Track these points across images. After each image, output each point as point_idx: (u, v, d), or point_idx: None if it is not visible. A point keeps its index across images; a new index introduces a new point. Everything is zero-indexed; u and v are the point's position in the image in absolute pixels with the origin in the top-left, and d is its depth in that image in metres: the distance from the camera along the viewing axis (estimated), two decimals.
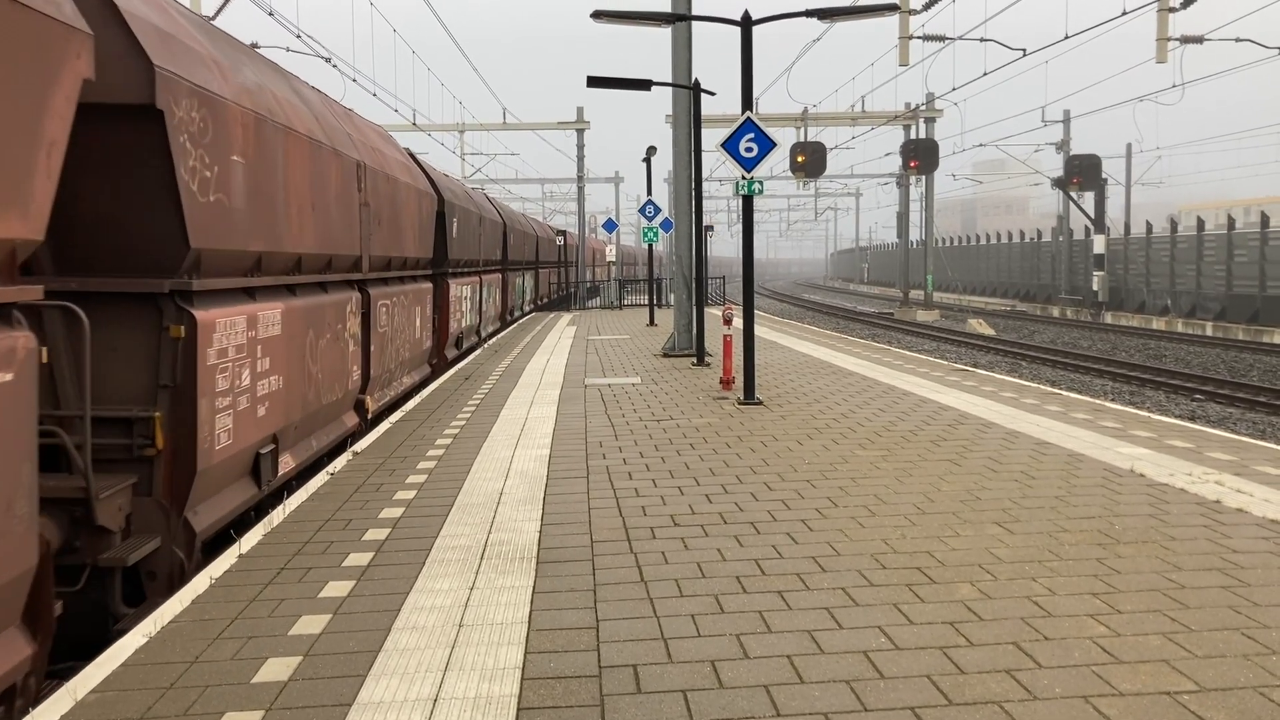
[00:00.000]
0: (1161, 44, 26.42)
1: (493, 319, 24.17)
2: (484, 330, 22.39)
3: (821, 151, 40.83)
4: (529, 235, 33.04)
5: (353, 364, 10.21)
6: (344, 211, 9.65)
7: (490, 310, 23.29)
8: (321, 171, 8.87)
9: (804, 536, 6.31)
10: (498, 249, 24.30)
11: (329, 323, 9.18)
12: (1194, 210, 68.71)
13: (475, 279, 20.39)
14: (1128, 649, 4.48)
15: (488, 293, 22.36)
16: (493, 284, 23.63)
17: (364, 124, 12.22)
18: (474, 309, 20.23)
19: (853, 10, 12.85)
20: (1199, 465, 8.25)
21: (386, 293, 11.78)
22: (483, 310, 21.65)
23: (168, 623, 4.95)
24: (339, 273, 9.78)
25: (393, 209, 11.92)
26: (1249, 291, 32.75)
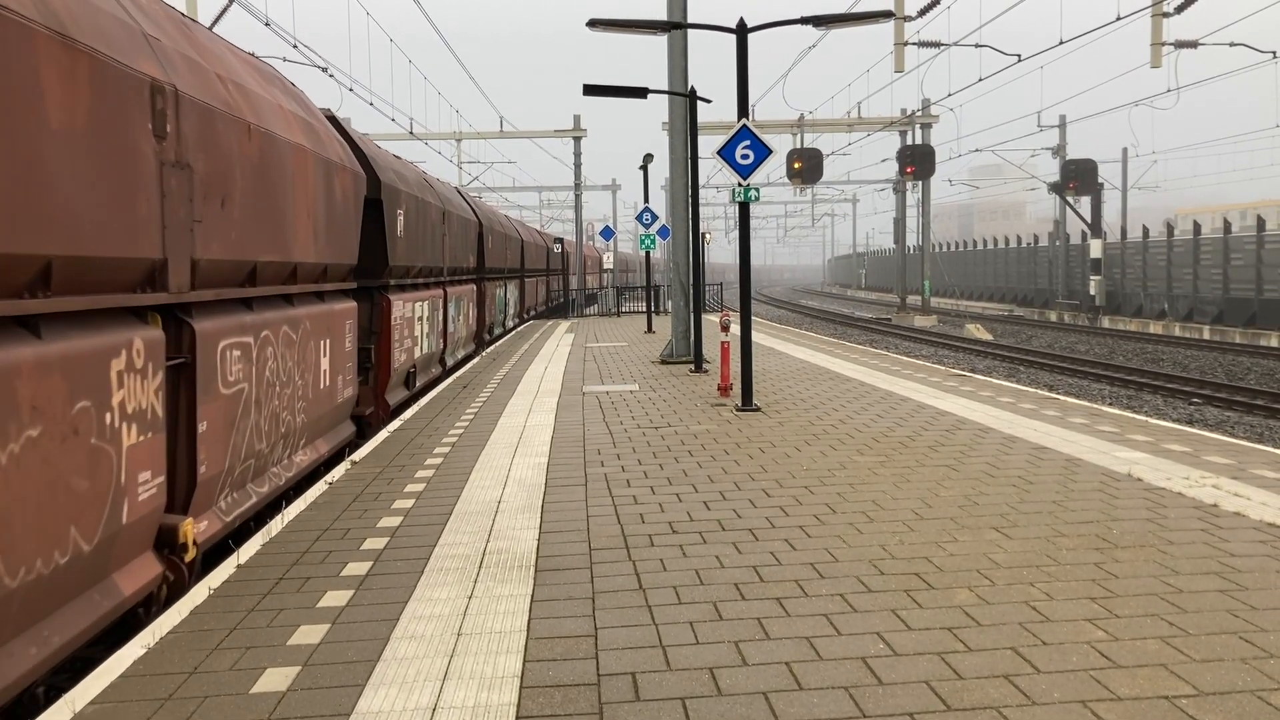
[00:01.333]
0: (1156, 49, 26.50)
1: (465, 341, 19.37)
2: (452, 357, 17.96)
3: (818, 158, 40.91)
4: (511, 239, 28.13)
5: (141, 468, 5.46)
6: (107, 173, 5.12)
7: (461, 332, 18.67)
8: None
9: (802, 543, 6.31)
10: (471, 254, 19.84)
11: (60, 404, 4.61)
12: (1190, 214, 68.84)
13: (436, 291, 15.56)
14: (1126, 653, 4.48)
15: (456, 310, 17.67)
16: (464, 298, 18.76)
17: (220, 46, 7.67)
18: (434, 332, 15.41)
19: (847, 17, 12.88)
20: (1196, 469, 8.26)
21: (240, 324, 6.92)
22: (449, 334, 16.92)
23: (166, 633, 4.95)
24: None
25: (261, 182, 7.29)
26: (1246, 295, 32.80)
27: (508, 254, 27.05)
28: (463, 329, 19.00)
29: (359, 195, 10.55)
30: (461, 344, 19.05)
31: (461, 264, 18.39)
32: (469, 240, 19.52)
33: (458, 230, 17.89)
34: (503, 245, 25.84)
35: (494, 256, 23.85)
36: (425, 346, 14.55)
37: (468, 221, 19.52)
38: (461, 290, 18.53)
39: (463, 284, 18.95)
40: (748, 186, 12.36)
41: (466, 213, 19.58)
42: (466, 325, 19.53)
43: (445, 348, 16.73)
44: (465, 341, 19.53)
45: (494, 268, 24.04)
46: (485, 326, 22.93)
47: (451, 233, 17.01)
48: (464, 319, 19.16)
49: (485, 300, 22.55)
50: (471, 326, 20.52)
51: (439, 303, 15.66)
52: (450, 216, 16.86)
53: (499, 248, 24.94)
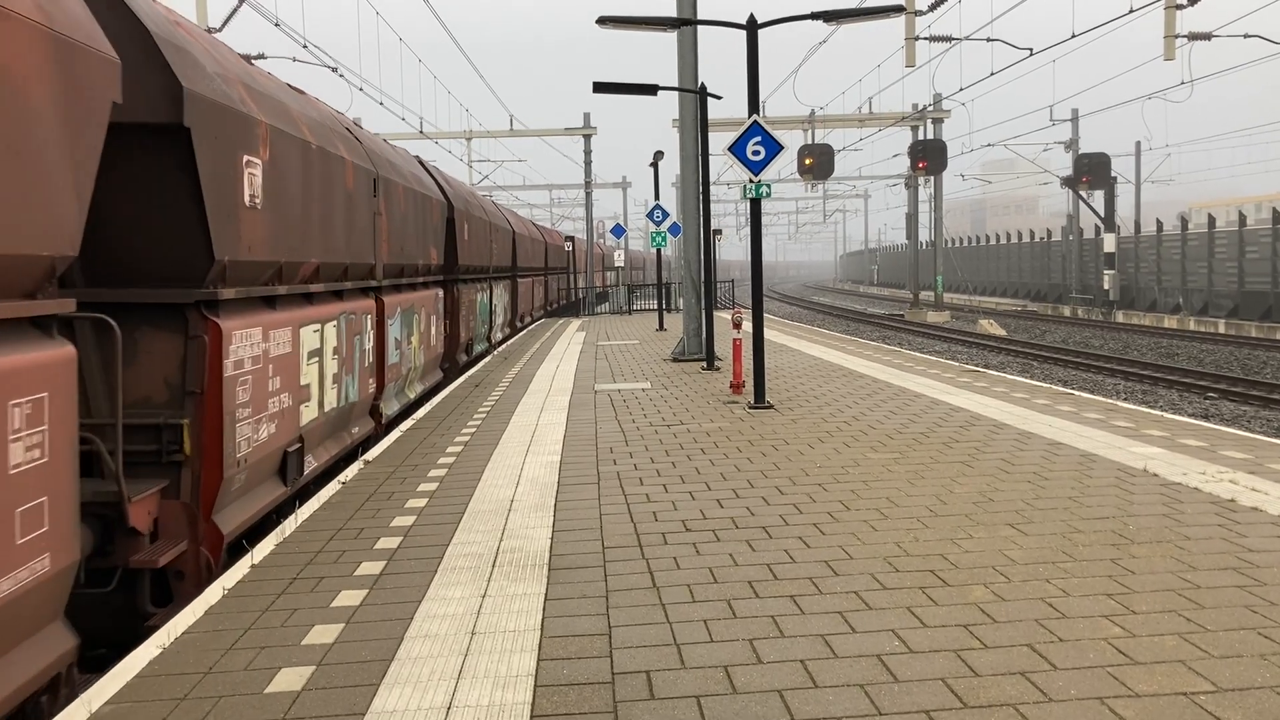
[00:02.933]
0: (1169, 41, 26.34)
1: (424, 369, 14.31)
2: (401, 397, 12.94)
3: (829, 153, 40.81)
4: (500, 230, 23.42)
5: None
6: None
7: (416, 359, 13.51)
8: None
9: (816, 540, 6.29)
10: (434, 246, 15.24)
11: None
12: (1204, 207, 68.46)
13: (355, 304, 11.36)
14: (1143, 650, 4.45)
15: (406, 327, 12.75)
16: (420, 309, 13.96)
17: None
18: (354, 370, 11.06)
19: (858, 12, 12.84)
20: (1213, 464, 8.21)
21: None
22: (389, 365, 12.11)
23: (181, 633, 4.96)
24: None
25: None
26: (1261, 288, 32.59)
27: (494, 248, 21.63)
28: (419, 355, 13.49)
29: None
30: (418, 374, 13.71)
31: (416, 259, 13.08)
32: (427, 227, 13.91)
33: (409, 213, 12.51)
34: (485, 237, 20.30)
35: (472, 251, 18.29)
36: (331, 399, 9.03)
37: (428, 201, 13.93)
38: (416, 299, 13.17)
39: (419, 289, 13.67)
40: (759, 183, 12.33)
41: (426, 189, 14.10)
42: (426, 347, 14.10)
43: (381, 389, 11.20)
44: (424, 370, 14.19)
45: (474, 266, 18.59)
46: (461, 344, 17.42)
47: (394, 215, 11.62)
48: (420, 338, 13.61)
49: (459, 309, 17.10)
50: (436, 348, 15.09)
51: (364, 322, 10.25)
52: (392, 190, 11.45)
53: (480, 240, 19.54)
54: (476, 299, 19.51)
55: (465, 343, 18.00)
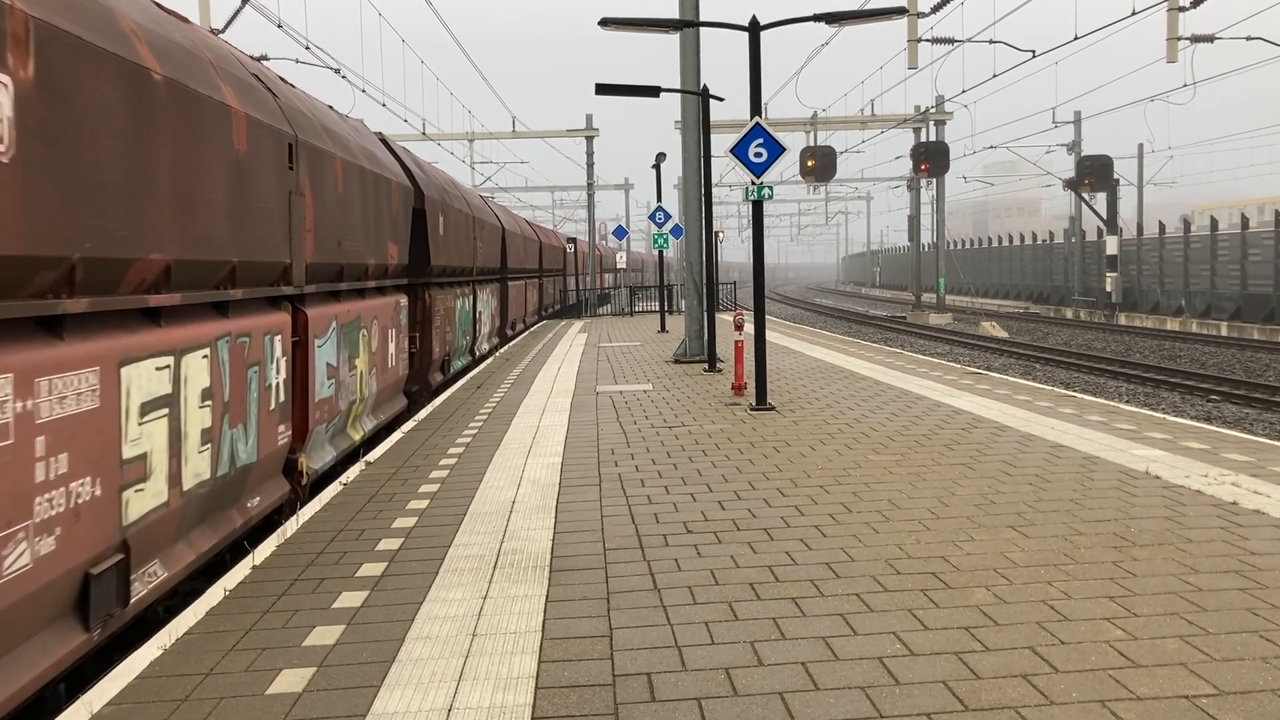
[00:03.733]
0: (1172, 43, 26.32)
1: (364, 409, 10.63)
2: (322, 455, 9.16)
3: (831, 155, 40.82)
4: (488, 226, 20.38)
5: None
6: None
7: (352, 393, 9.78)
8: None
9: (818, 542, 6.29)
10: (389, 238, 11.78)
11: None
12: (1207, 210, 68.40)
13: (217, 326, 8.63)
14: (1145, 652, 4.45)
15: (345, 347, 9.48)
16: (372, 320, 10.55)
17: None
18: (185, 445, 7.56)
19: (861, 14, 12.84)
20: (1215, 467, 8.20)
21: None
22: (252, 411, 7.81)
23: (182, 634, 4.96)
24: None
25: None
26: (1264, 291, 32.56)
27: (479, 246, 18.74)
28: (369, 381, 10.49)
29: None
30: (368, 406, 10.65)
31: (365, 258, 10.15)
32: (384, 217, 11.12)
33: (353, 197, 9.70)
34: (467, 233, 17.15)
35: (450, 249, 15.34)
36: (197, 468, 6.06)
37: (384, 185, 11.12)
38: (365, 308, 10.28)
39: (369, 295, 10.74)
40: (761, 185, 12.33)
41: (383, 169, 11.32)
42: (382, 370, 11.15)
43: (303, 435, 8.22)
44: (379, 399, 11.20)
45: (452, 267, 15.63)
46: (434, 361, 14.51)
47: (325, 198, 8.75)
48: (372, 359, 10.61)
49: (432, 319, 14.12)
50: (398, 370, 12.23)
51: (266, 345, 7.30)
52: (323, 163, 8.68)
53: (460, 236, 16.37)
54: (456, 305, 16.41)
55: (440, 359, 14.92)
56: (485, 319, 20.72)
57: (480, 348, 19.86)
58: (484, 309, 20.44)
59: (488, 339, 21.11)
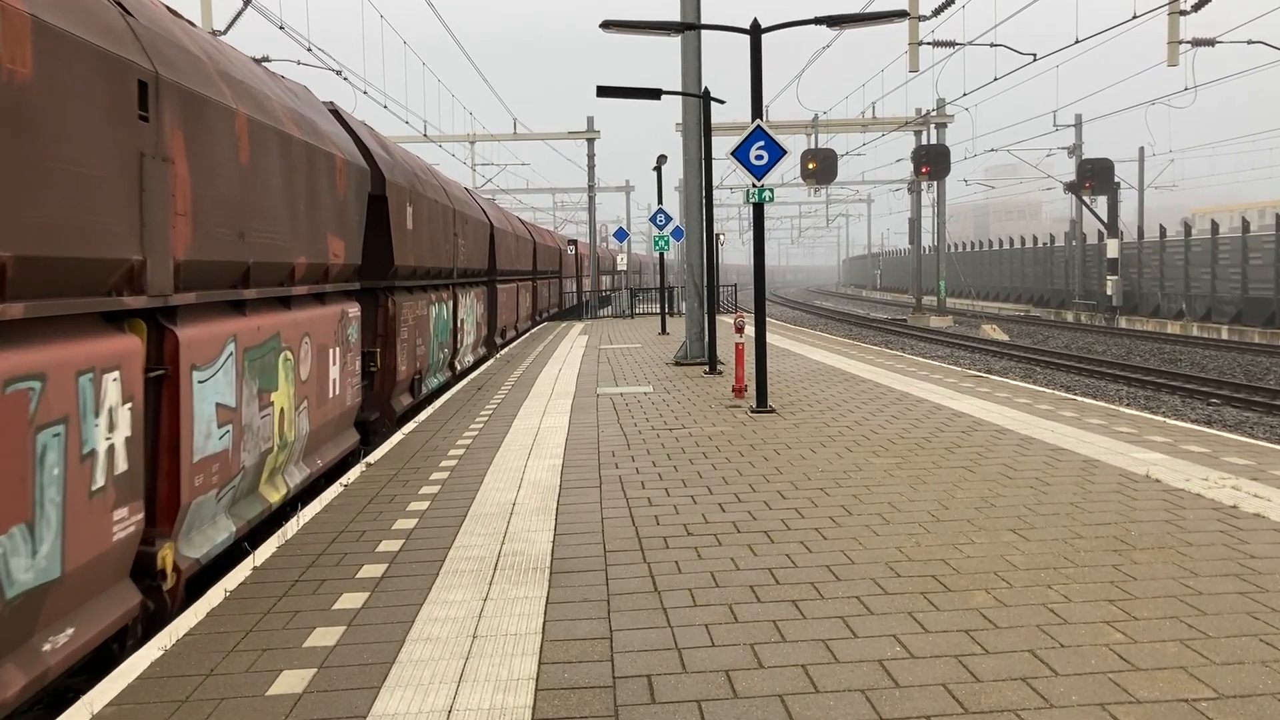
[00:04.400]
0: (1173, 47, 26.34)
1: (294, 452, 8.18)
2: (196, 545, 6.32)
3: (832, 158, 40.86)
4: (471, 221, 17.89)
5: None
6: None
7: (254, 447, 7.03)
8: None
9: (818, 545, 6.29)
10: (333, 231, 9.23)
11: None
12: (1208, 213, 68.40)
13: None
14: (1145, 656, 4.45)
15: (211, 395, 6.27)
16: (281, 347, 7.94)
17: None
18: None
19: (862, 17, 12.85)
20: (1215, 470, 8.20)
21: None
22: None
23: (182, 635, 4.97)
24: None
25: None
26: (1265, 294, 32.56)
27: (460, 245, 16.40)
28: (297, 421, 8.11)
29: None
30: (297, 453, 8.21)
31: (290, 256, 7.79)
32: (320, 202, 8.60)
33: (265, 172, 7.24)
34: (445, 229, 14.80)
35: (422, 246, 13.03)
36: None
37: (321, 160, 8.62)
38: (288, 323, 7.81)
39: (296, 306, 8.16)
40: (762, 187, 12.34)
41: (320, 140, 8.79)
42: (317, 403, 8.63)
43: (171, 515, 5.77)
44: (311, 441, 8.59)
45: (425, 268, 13.39)
46: (401, 381, 12.10)
47: (214, 169, 6.39)
48: (299, 391, 8.12)
49: (396, 331, 11.70)
50: (344, 399, 9.57)
51: (89, 389, 4.83)
52: (210, 119, 6.33)
53: (435, 232, 14.02)
54: (430, 313, 14.06)
55: (410, 378, 12.62)
56: (469, 328, 18.15)
57: (463, 360, 17.55)
58: (467, 316, 17.92)
59: (473, 350, 18.80)
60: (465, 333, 17.66)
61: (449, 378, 16.03)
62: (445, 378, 15.66)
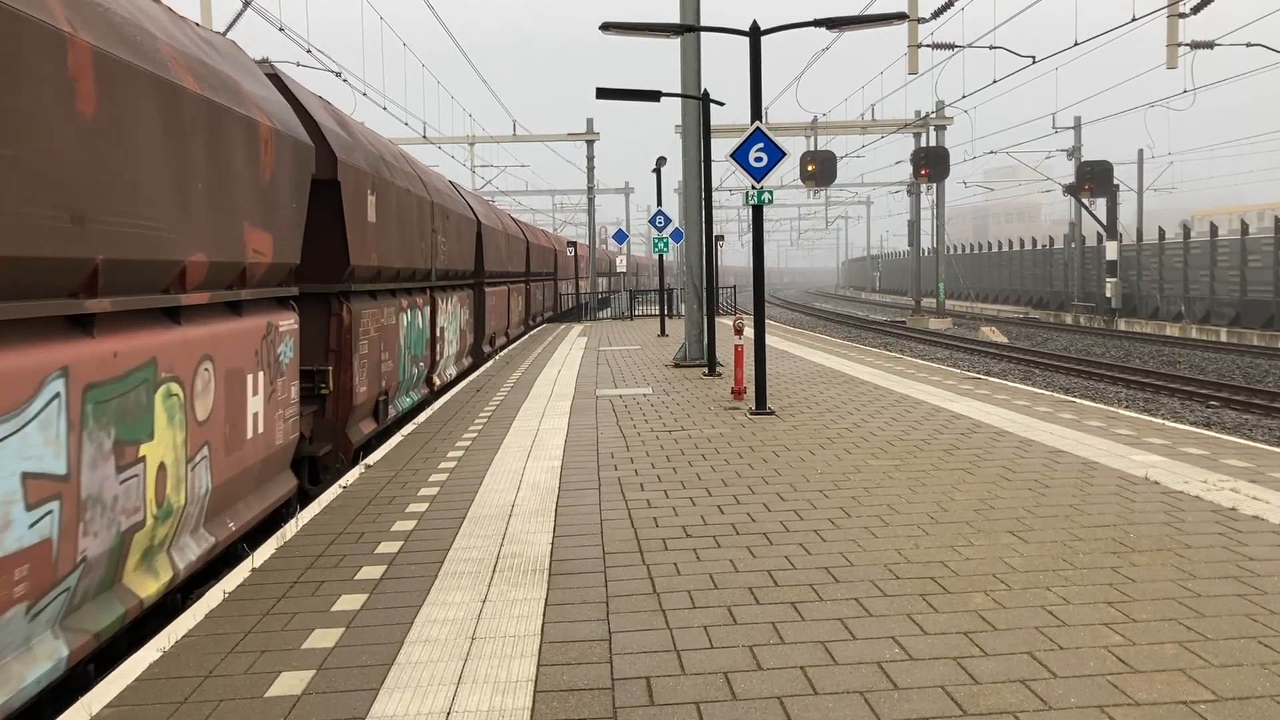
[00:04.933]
0: (1172, 50, 26.36)
1: None
2: None
3: (832, 160, 40.87)
4: (453, 215, 15.96)
5: None
6: None
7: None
8: None
9: (817, 547, 6.29)
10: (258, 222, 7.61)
11: None
12: (1207, 216, 68.46)
13: None
14: (1143, 658, 4.45)
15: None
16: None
17: None
18: None
19: (861, 19, 12.86)
20: (1214, 472, 8.20)
21: None
22: None
23: (181, 637, 4.96)
24: None
25: None
26: (1264, 297, 32.58)
27: (440, 242, 14.70)
28: (184, 483, 5.90)
29: None
30: (184, 526, 5.98)
31: (164, 253, 5.58)
32: (231, 180, 6.60)
33: (125, 126, 5.08)
34: (419, 224, 13.12)
35: (387, 243, 11.15)
36: None
37: (224, 121, 6.46)
38: (166, 345, 5.64)
39: (186, 321, 6.01)
40: (761, 189, 12.35)
41: (232, 98, 6.74)
42: (223, 454, 6.53)
43: None
44: (212, 507, 6.43)
45: (391, 269, 11.39)
46: (361, 407, 10.26)
47: (24, 112, 4.17)
48: (190, 440, 5.99)
49: (352, 346, 9.78)
50: (268, 437, 7.53)
51: None
52: (24, 41, 4.14)
53: (406, 227, 12.22)
54: (400, 322, 12.03)
55: (372, 401, 10.73)
56: (451, 337, 15.69)
57: (444, 374, 15.27)
58: (449, 324, 15.46)
59: (455, 361, 16.65)
60: (447, 342, 15.56)
61: (424, 395, 14.01)
62: (418, 397, 13.56)
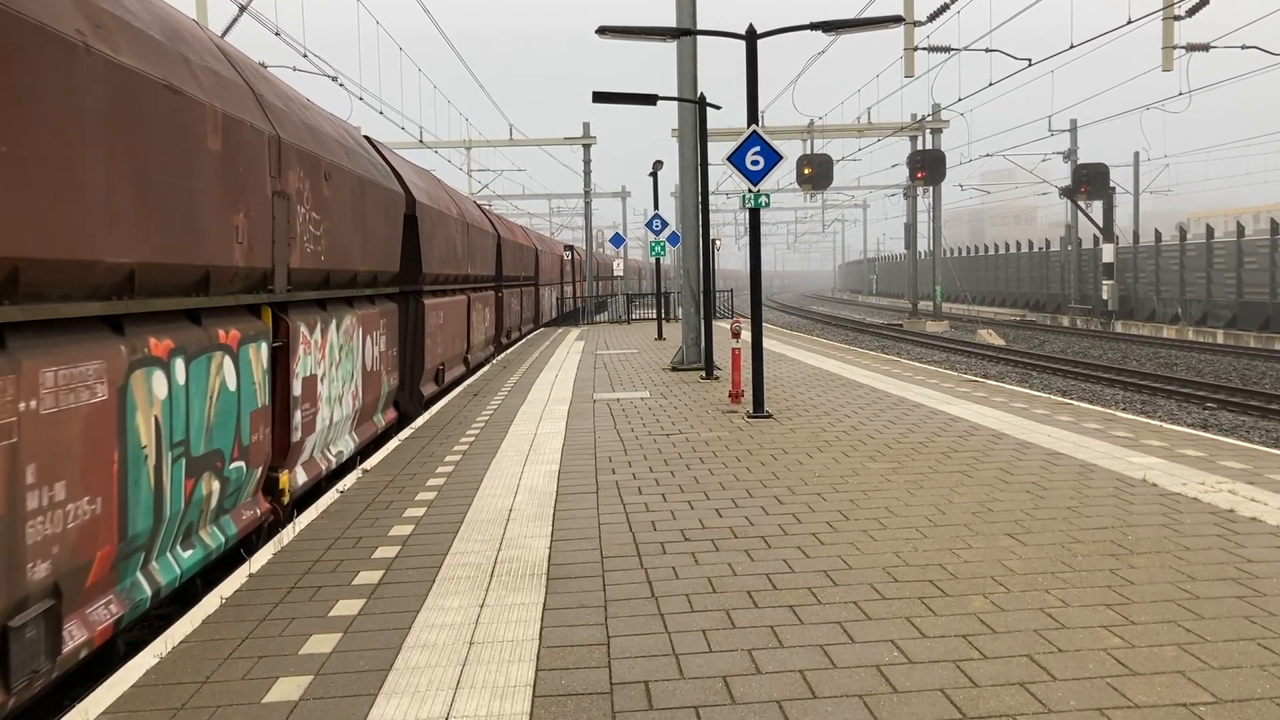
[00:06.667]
0: (1168, 52, 26.40)
1: None
2: None
3: (828, 163, 40.88)
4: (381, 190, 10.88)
5: None
6: None
7: None
8: None
9: (815, 550, 6.28)
10: None
11: None
12: (1203, 218, 68.59)
13: None
14: (1142, 660, 4.44)
15: None
16: None
17: None
18: None
19: (857, 22, 12.87)
20: (1212, 474, 8.21)
21: None
22: None
23: (178, 643, 4.95)
24: None
25: None
26: (1260, 299, 32.62)
27: (367, 233, 10.29)
28: None
29: None
30: None
31: None
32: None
33: None
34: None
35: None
36: None
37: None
38: None
39: None
40: (758, 192, 12.35)
41: None
42: None
43: None
44: None
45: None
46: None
47: None
48: None
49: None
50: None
51: None
52: None
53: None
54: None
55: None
56: (344, 391, 9.55)
57: (334, 455, 9.30)
58: (342, 374, 9.42)
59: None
60: (372, 380, 10.69)
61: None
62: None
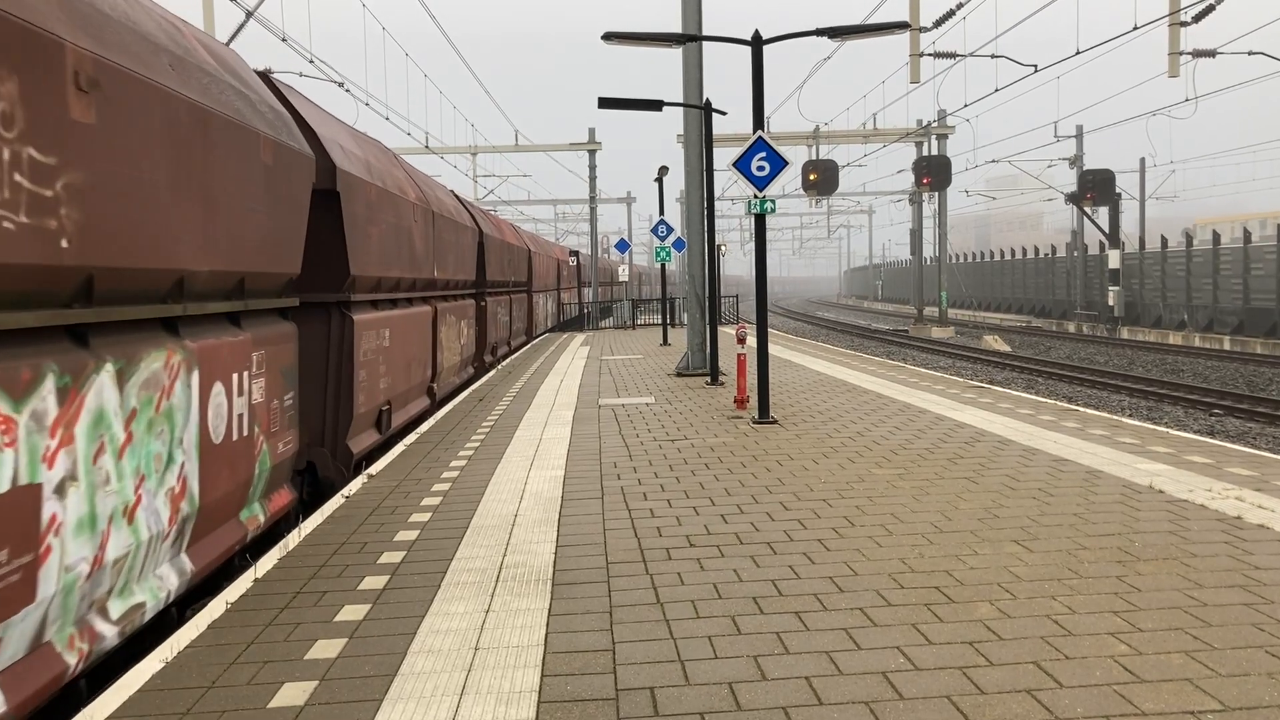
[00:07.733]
0: (1174, 58, 26.38)
1: None
2: None
3: (834, 169, 40.88)
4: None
5: None
6: None
7: None
8: None
9: (821, 556, 6.27)
10: None
11: None
12: (1209, 224, 68.46)
13: None
14: (1150, 668, 4.43)
15: None
16: None
17: None
18: None
19: (863, 28, 12.87)
20: (1219, 481, 8.18)
21: None
22: None
23: (184, 647, 4.95)
24: None
25: None
26: (1267, 305, 32.55)
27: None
28: None
29: None
30: None
31: None
32: None
33: None
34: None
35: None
36: None
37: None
38: None
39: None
40: (763, 198, 12.35)
41: None
42: None
43: None
44: None
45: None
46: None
47: None
48: None
49: None
50: None
51: None
52: None
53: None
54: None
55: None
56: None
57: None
58: (133, 462, 5.18)
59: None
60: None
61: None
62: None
